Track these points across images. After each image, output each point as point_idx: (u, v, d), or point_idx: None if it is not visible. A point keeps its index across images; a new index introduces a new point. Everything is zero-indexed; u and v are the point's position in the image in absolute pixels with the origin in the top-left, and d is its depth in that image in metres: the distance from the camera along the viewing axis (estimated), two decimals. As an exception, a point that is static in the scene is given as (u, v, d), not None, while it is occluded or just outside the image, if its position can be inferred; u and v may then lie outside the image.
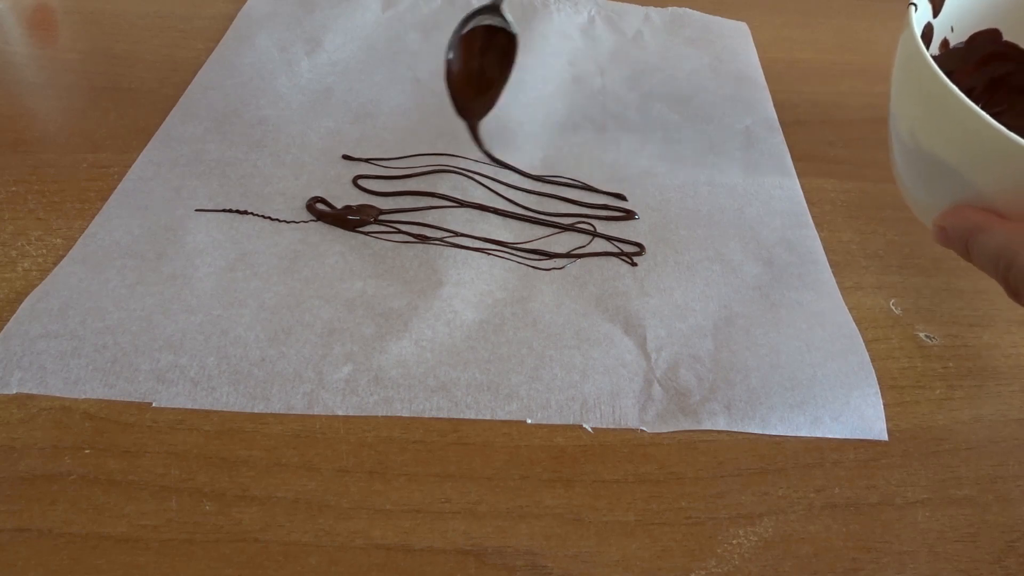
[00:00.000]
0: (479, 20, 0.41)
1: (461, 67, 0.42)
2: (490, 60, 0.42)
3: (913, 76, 0.30)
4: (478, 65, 0.42)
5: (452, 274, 0.38)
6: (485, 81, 0.42)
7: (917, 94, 0.30)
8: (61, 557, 0.27)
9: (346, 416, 0.33)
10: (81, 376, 0.32)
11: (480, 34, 0.42)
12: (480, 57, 0.42)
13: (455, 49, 0.41)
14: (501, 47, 0.42)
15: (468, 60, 0.42)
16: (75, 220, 0.39)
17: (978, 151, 0.27)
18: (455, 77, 0.42)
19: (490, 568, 0.28)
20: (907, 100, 0.31)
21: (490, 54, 0.42)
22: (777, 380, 0.35)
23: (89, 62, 0.51)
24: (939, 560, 0.30)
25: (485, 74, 0.42)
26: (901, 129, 0.31)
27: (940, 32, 0.35)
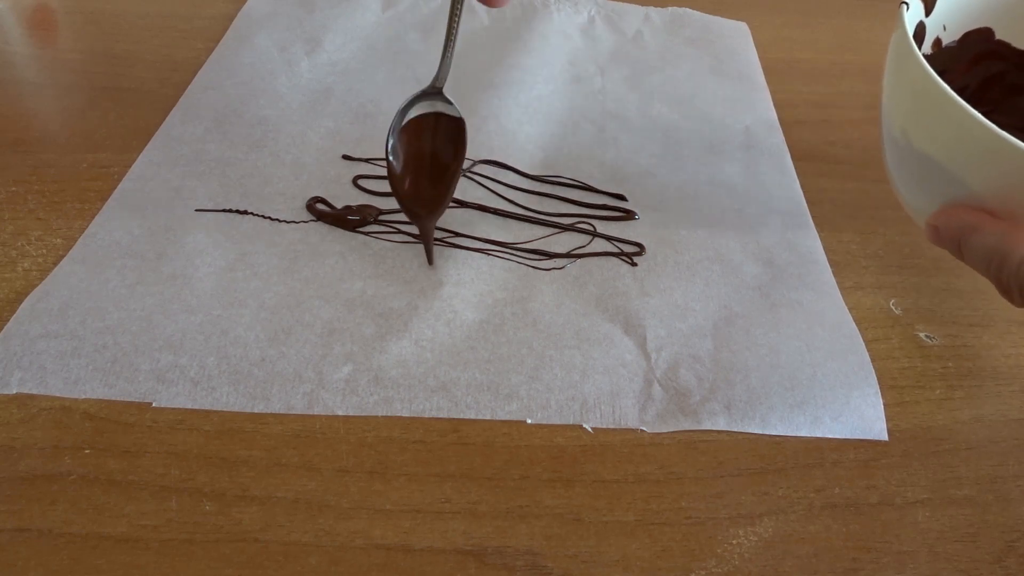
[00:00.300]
0: (420, 108, 0.38)
1: (405, 163, 0.38)
2: (439, 148, 0.38)
3: (905, 75, 0.29)
4: (426, 156, 0.38)
5: (452, 274, 0.38)
6: (435, 172, 0.38)
7: (909, 93, 0.30)
8: (61, 557, 0.27)
9: (346, 416, 0.33)
10: (81, 376, 0.32)
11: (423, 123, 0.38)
12: (429, 146, 0.38)
13: (396, 144, 0.37)
14: (448, 133, 0.38)
15: (413, 152, 0.38)
16: (75, 220, 0.39)
17: (970, 150, 0.27)
18: (399, 176, 0.38)
19: (490, 568, 0.28)
20: (899, 99, 0.31)
21: (438, 142, 0.38)
22: (777, 380, 0.35)
23: (89, 62, 0.51)
24: (939, 560, 0.30)
25: (434, 164, 0.38)
26: (893, 128, 0.31)
27: (932, 31, 0.35)
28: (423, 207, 0.38)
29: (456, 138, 0.38)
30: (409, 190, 0.38)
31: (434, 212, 0.38)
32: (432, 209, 0.38)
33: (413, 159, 0.38)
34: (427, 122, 0.38)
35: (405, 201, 0.38)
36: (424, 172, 0.38)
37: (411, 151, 0.38)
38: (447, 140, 0.38)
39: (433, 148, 0.38)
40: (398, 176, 0.38)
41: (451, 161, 0.38)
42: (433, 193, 0.38)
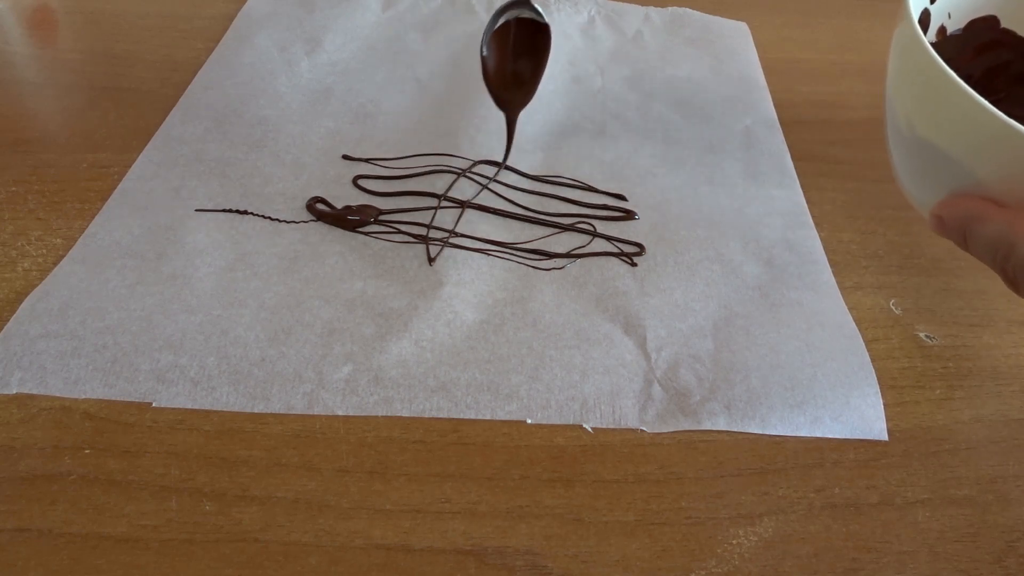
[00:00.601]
0: (510, 14, 0.42)
1: (496, 63, 0.42)
2: (524, 52, 0.43)
3: (910, 63, 0.29)
4: (513, 58, 0.43)
5: (452, 274, 0.38)
6: (521, 74, 0.43)
7: (914, 81, 0.29)
8: (61, 557, 0.27)
9: (346, 416, 0.33)
10: (81, 376, 0.32)
11: (512, 28, 0.42)
12: (514, 50, 0.43)
13: (488, 46, 0.42)
14: (534, 38, 0.42)
15: (502, 55, 0.42)
16: (75, 220, 0.39)
17: (976, 138, 0.26)
18: (492, 73, 0.42)
19: (490, 568, 0.28)
20: (904, 88, 0.30)
21: (524, 46, 0.43)
22: (777, 380, 0.35)
23: (89, 62, 0.51)
24: (939, 560, 0.30)
25: (520, 66, 0.43)
26: (898, 118, 0.31)
27: (937, 18, 0.35)
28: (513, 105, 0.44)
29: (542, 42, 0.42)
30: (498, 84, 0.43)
31: (522, 103, 0.44)
32: (521, 105, 0.44)
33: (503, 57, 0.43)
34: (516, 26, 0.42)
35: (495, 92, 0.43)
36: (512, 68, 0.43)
37: (501, 51, 0.43)
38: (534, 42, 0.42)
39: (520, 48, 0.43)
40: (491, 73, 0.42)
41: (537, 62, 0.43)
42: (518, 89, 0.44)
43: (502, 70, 0.43)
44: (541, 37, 0.42)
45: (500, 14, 0.42)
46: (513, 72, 0.43)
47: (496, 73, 0.42)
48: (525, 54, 0.43)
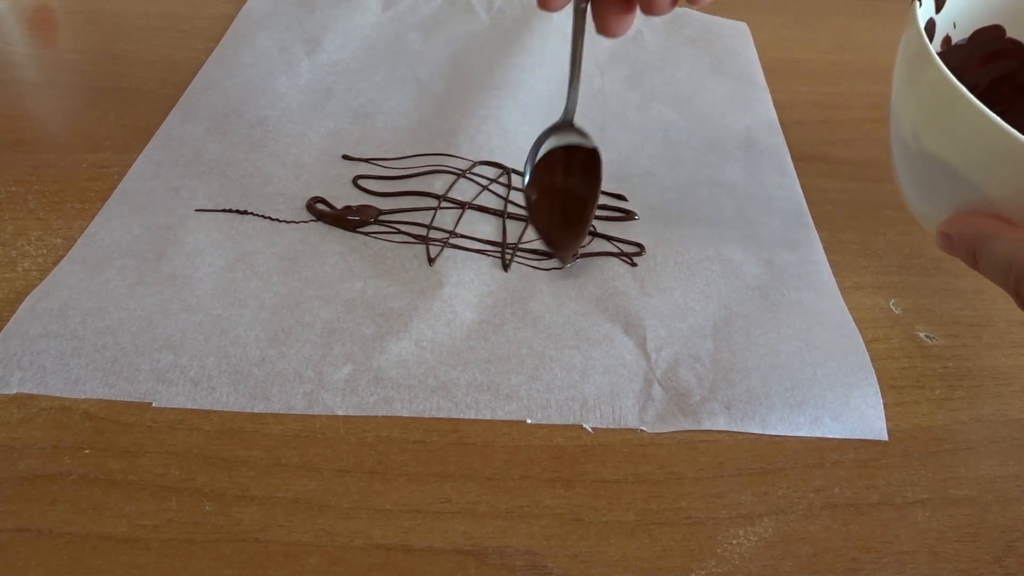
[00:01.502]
0: (552, 142, 0.37)
1: (544, 201, 0.37)
2: (572, 183, 0.38)
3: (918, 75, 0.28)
4: (562, 191, 0.38)
5: (452, 275, 0.38)
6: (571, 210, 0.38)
7: (921, 94, 0.28)
8: (61, 557, 0.27)
9: (346, 416, 0.33)
10: (81, 376, 0.32)
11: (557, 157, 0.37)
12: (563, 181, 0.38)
13: (531, 183, 0.37)
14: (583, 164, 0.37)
15: (550, 190, 0.37)
16: (75, 220, 0.39)
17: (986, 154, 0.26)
18: (540, 214, 0.37)
19: (490, 568, 0.28)
20: (910, 100, 0.30)
21: (573, 173, 0.37)
22: (777, 380, 0.35)
23: (89, 62, 0.51)
24: (939, 560, 0.30)
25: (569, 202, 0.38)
26: (903, 131, 0.30)
27: (942, 28, 0.34)
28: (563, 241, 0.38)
29: (591, 168, 0.37)
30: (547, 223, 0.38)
31: (573, 245, 0.39)
32: (577, 245, 0.39)
33: (549, 192, 0.37)
34: (561, 154, 0.37)
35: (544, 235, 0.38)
36: (560, 204, 0.38)
37: (546, 184, 0.37)
38: (582, 171, 0.37)
39: (568, 181, 0.38)
40: (537, 210, 0.38)
41: (588, 193, 0.37)
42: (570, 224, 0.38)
43: (550, 208, 0.38)
44: (590, 163, 0.37)
45: (541, 143, 0.36)
46: (563, 209, 0.38)
47: (544, 212, 0.37)
48: (573, 186, 0.37)
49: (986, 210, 0.27)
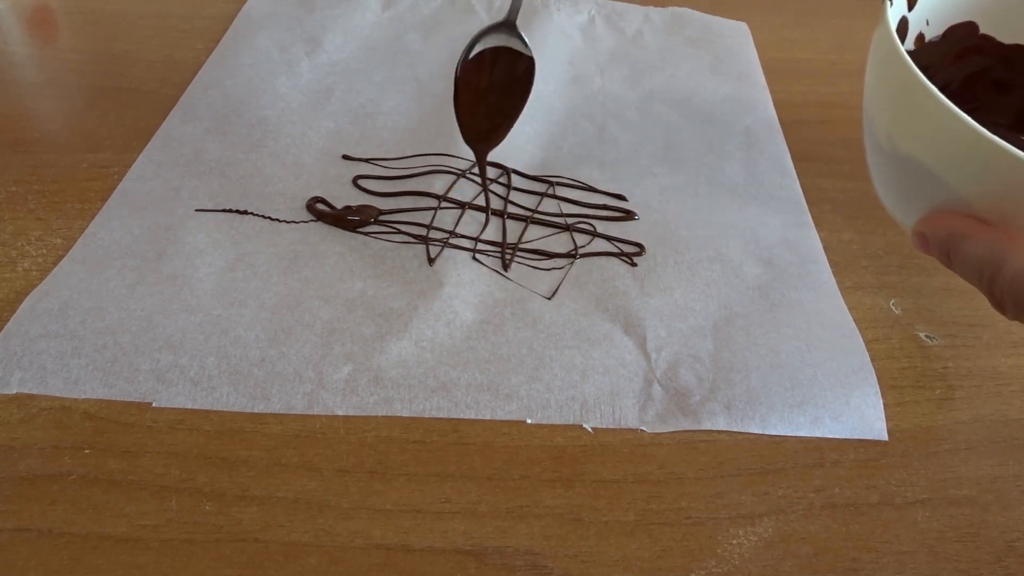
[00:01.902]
0: (489, 40, 0.37)
1: (470, 93, 0.38)
2: (503, 86, 0.38)
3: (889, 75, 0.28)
4: (489, 91, 0.38)
5: (452, 275, 0.38)
6: (497, 109, 0.39)
7: (893, 94, 0.28)
8: (61, 557, 0.27)
9: (346, 416, 0.33)
10: (81, 376, 0.32)
11: (492, 57, 0.38)
12: (491, 82, 0.38)
13: (463, 72, 0.37)
14: (515, 72, 0.38)
15: (477, 86, 0.38)
16: (75, 220, 0.39)
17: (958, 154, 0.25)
18: (462, 103, 0.38)
19: (490, 568, 0.28)
20: (883, 101, 0.29)
21: (503, 79, 0.38)
22: (777, 380, 0.35)
23: (89, 62, 0.51)
24: (939, 560, 0.30)
25: (497, 101, 0.39)
26: (877, 131, 0.30)
27: (915, 26, 0.34)
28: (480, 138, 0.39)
29: (523, 76, 0.38)
30: (468, 119, 0.38)
31: (490, 144, 0.39)
32: (492, 144, 0.39)
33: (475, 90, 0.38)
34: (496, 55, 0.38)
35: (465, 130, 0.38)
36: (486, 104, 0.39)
37: (475, 82, 0.38)
38: (512, 76, 0.38)
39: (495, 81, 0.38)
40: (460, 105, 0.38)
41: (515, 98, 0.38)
42: (491, 125, 0.39)
43: (474, 103, 0.38)
44: (524, 71, 0.38)
45: (480, 38, 0.37)
46: (487, 105, 0.39)
47: (467, 106, 0.38)
48: (504, 88, 0.38)
49: (961, 210, 0.26)
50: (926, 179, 0.27)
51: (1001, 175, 0.24)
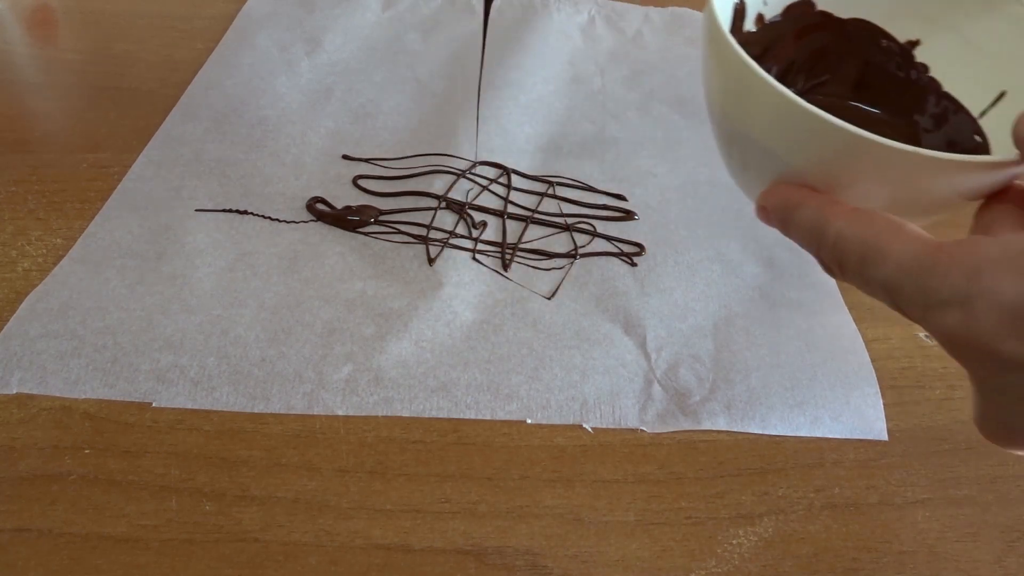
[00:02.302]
0: None
1: None
2: None
3: (716, 54, 0.28)
4: None
5: (452, 275, 0.38)
6: None
7: (721, 73, 0.28)
8: (61, 557, 0.27)
9: (346, 416, 0.33)
10: (81, 376, 0.32)
11: None
12: None
13: None
14: None
15: None
16: (75, 220, 0.39)
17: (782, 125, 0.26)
18: None
19: (490, 568, 0.28)
20: (714, 80, 0.30)
21: None
22: (777, 380, 0.35)
23: (89, 62, 0.51)
24: (939, 560, 0.30)
25: None
26: (714, 110, 0.30)
27: (753, 7, 0.34)
28: None
29: None
30: None
31: None
32: None
33: None
34: None
35: None
36: None
37: None
38: None
39: None
40: None
41: None
42: None
43: None
44: None
45: None
46: None
47: None
48: None
49: (795, 181, 0.27)
50: (761, 154, 0.28)
51: (821, 142, 0.25)
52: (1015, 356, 0.20)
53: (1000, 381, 0.22)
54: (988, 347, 0.20)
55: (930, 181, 0.25)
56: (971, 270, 0.21)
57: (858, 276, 0.24)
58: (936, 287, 0.21)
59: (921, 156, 0.23)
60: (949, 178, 0.25)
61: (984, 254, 0.21)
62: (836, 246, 0.24)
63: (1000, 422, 0.23)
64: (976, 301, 0.20)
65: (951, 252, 0.21)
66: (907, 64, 0.35)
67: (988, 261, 0.20)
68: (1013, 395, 0.22)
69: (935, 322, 0.22)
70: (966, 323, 0.21)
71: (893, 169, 0.25)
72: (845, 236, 0.24)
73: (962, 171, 0.24)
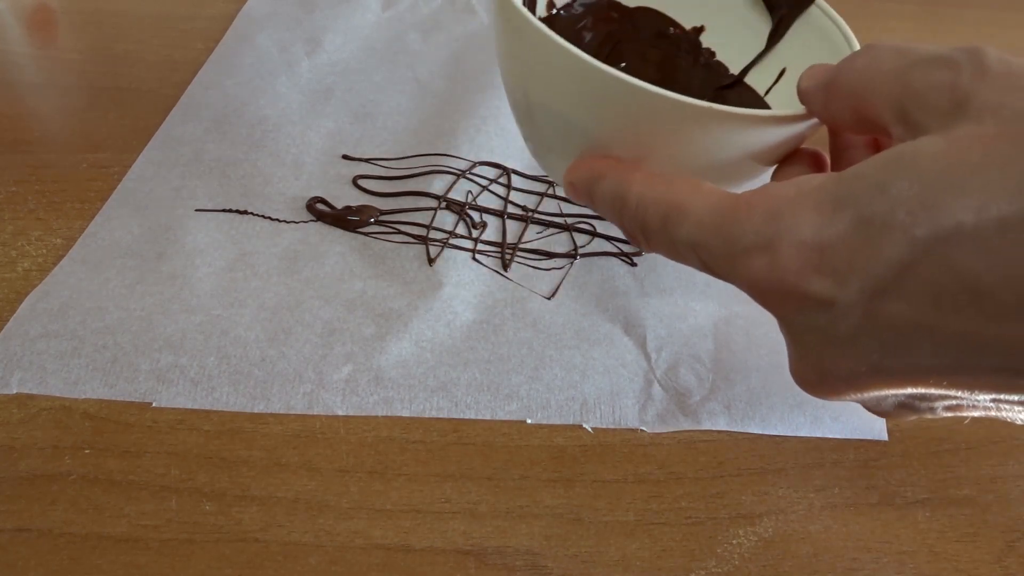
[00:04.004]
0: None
1: None
2: None
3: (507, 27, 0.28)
4: None
5: (452, 275, 0.38)
6: None
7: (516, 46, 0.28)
8: (61, 557, 0.27)
9: (346, 416, 0.33)
10: (81, 376, 0.32)
11: None
12: None
13: None
14: None
15: None
16: (75, 220, 0.39)
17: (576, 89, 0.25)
18: None
19: (490, 568, 0.28)
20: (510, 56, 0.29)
21: None
22: (777, 380, 0.35)
23: (89, 62, 0.51)
24: (939, 560, 0.30)
25: None
26: (513, 90, 0.30)
27: None
28: None
29: None
30: None
31: None
32: None
33: None
34: None
35: None
36: None
37: None
38: None
39: None
40: None
41: None
42: None
43: None
44: None
45: None
46: None
47: None
48: None
49: (600, 153, 0.27)
50: (565, 126, 0.27)
51: (618, 104, 0.24)
52: (819, 293, 0.20)
53: (808, 322, 0.21)
54: (794, 287, 0.20)
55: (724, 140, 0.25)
56: (770, 213, 0.20)
57: (663, 239, 0.24)
58: (738, 235, 0.21)
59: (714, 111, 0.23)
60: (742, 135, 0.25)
61: (781, 195, 0.21)
62: (638, 210, 0.24)
63: (812, 366, 0.22)
64: (777, 242, 0.20)
65: (749, 199, 0.21)
66: (695, 50, 0.36)
67: (785, 201, 0.20)
68: (821, 335, 0.21)
69: (742, 271, 0.21)
70: (770, 266, 0.20)
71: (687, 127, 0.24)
72: (646, 199, 0.24)
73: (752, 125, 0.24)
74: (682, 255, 0.24)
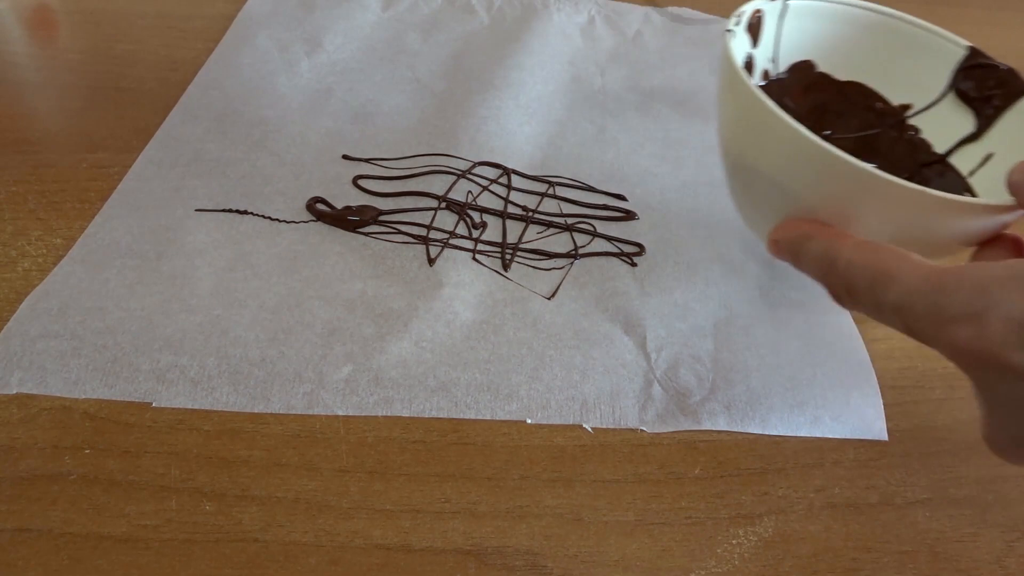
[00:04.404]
0: None
1: None
2: None
3: (734, 97, 0.30)
4: None
5: (452, 275, 0.38)
6: None
7: (739, 115, 0.30)
8: (61, 557, 0.27)
9: (346, 416, 0.33)
10: (81, 376, 0.32)
11: None
12: None
13: None
14: None
15: None
16: (75, 220, 0.39)
17: (799, 164, 0.28)
18: None
19: (490, 568, 0.28)
20: (731, 122, 0.32)
21: None
22: (777, 380, 0.35)
23: (89, 62, 0.51)
24: (939, 560, 0.30)
25: None
26: (730, 150, 0.32)
27: (761, 63, 0.37)
28: None
29: None
30: None
31: None
32: None
33: None
34: None
35: None
36: None
37: None
38: None
39: None
40: None
41: None
42: None
43: None
44: None
45: None
46: None
47: None
48: None
49: (806, 216, 0.29)
50: (772, 190, 0.30)
51: (834, 178, 0.27)
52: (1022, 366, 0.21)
53: (1009, 393, 0.23)
54: (998, 358, 0.22)
55: (932, 220, 0.27)
56: (980, 287, 0.22)
57: (869, 300, 0.25)
58: (947, 304, 0.23)
59: (929, 196, 0.25)
60: (951, 219, 0.26)
61: (991, 274, 0.22)
62: (847, 273, 0.26)
63: (1009, 435, 0.24)
64: (986, 315, 0.22)
65: (958, 273, 0.23)
66: (900, 126, 0.37)
67: (995, 279, 0.22)
68: (1020, 406, 0.23)
69: (947, 338, 0.23)
70: (977, 336, 0.22)
71: (900, 207, 0.26)
72: (855, 263, 0.26)
73: (964, 212, 0.26)
74: (885, 316, 0.25)
